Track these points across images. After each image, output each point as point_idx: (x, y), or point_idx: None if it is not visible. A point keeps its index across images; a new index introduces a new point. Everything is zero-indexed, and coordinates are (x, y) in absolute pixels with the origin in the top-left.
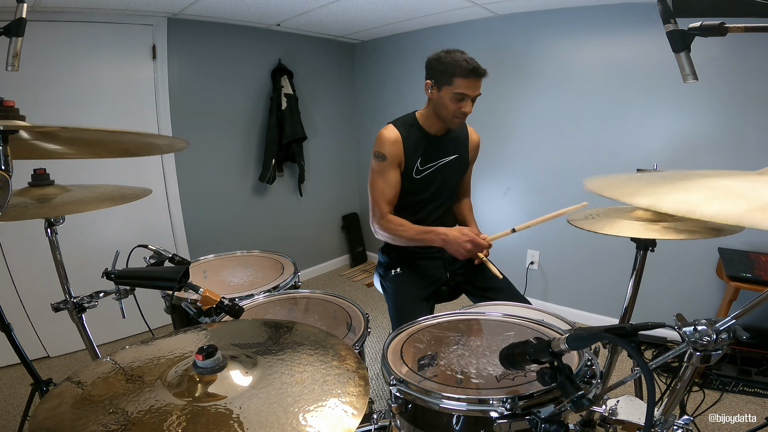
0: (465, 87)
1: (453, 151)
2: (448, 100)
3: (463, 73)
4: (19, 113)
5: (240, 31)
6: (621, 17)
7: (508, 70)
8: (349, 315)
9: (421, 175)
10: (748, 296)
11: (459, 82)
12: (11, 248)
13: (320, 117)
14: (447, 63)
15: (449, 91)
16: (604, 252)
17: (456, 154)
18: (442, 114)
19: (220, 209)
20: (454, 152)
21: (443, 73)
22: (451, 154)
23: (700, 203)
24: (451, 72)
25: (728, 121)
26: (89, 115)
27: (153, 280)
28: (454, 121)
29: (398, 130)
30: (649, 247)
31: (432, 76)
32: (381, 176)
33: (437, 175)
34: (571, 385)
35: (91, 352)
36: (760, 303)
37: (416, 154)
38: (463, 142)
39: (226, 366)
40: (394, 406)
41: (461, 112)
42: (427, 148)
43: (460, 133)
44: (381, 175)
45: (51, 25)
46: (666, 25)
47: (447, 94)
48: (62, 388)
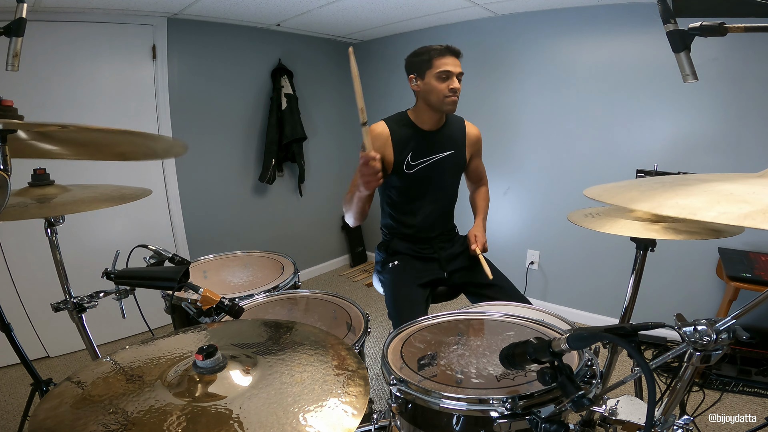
0: (445, 64)
1: (448, 148)
2: (434, 83)
3: (439, 53)
4: (17, 113)
5: (240, 31)
6: (621, 17)
7: (508, 70)
8: (349, 315)
9: (412, 170)
10: (748, 296)
11: (438, 62)
12: (11, 248)
13: (320, 117)
14: (422, 52)
15: (432, 74)
16: (604, 252)
17: (451, 150)
18: (433, 100)
19: (220, 209)
20: (449, 148)
21: (421, 62)
22: (446, 150)
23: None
24: (428, 57)
25: (728, 121)
26: (89, 115)
27: (153, 280)
28: (446, 101)
29: (387, 125)
30: (649, 247)
31: (412, 70)
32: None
33: (431, 171)
34: (571, 384)
35: (91, 352)
36: (760, 303)
37: (406, 149)
38: (459, 139)
39: (226, 366)
40: (394, 405)
41: (451, 90)
42: (419, 144)
43: (456, 129)
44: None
45: (51, 25)
46: (666, 25)
47: (431, 78)
48: (62, 388)
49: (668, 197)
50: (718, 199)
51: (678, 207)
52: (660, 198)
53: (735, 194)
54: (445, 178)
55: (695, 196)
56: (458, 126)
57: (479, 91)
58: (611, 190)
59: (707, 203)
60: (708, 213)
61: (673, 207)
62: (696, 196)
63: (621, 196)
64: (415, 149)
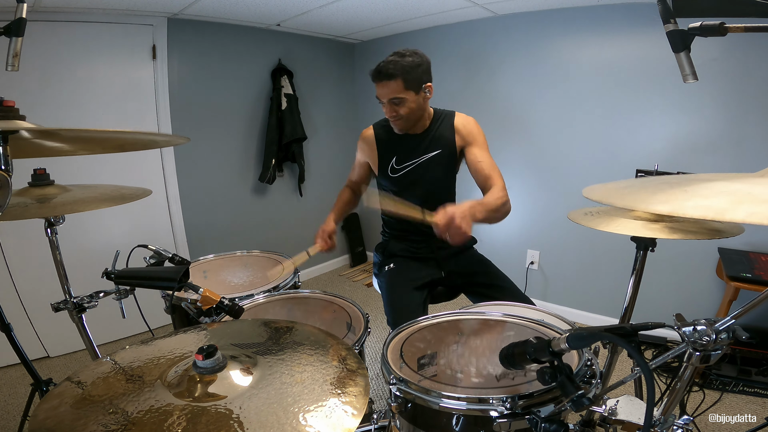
0: (378, 91)
1: (435, 148)
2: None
3: (372, 76)
4: (19, 113)
5: (240, 31)
6: (621, 17)
7: (507, 70)
8: (349, 315)
9: (397, 174)
10: (748, 296)
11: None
12: (11, 248)
13: (320, 117)
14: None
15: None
16: (604, 252)
17: (439, 149)
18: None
19: (220, 209)
20: (437, 148)
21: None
22: (432, 151)
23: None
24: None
25: (728, 121)
26: (89, 115)
27: (153, 280)
28: (393, 123)
29: (375, 130)
30: (649, 246)
31: None
32: (353, 165)
33: (417, 174)
34: (571, 384)
35: (91, 352)
36: (760, 303)
37: (391, 154)
38: (447, 137)
39: (226, 366)
40: (393, 405)
41: (389, 117)
42: (403, 148)
43: (444, 127)
44: (354, 164)
45: (51, 25)
46: (666, 25)
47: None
48: (62, 388)
49: (684, 198)
50: (740, 199)
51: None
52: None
53: (753, 194)
54: (436, 178)
55: (714, 197)
56: (447, 123)
57: (479, 91)
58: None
59: (731, 203)
60: (735, 214)
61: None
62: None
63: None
64: (399, 154)
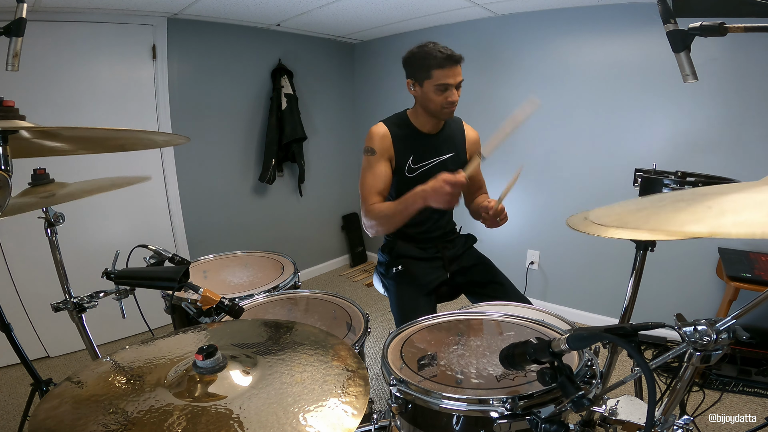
0: (445, 76)
1: (448, 150)
2: (432, 94)
3: (439, 63)
4: (18, 113)
5: (240, 31)
6: (621, 17)
7: (507, 70)
8: (349, 315)
9: (414, 174)
10: (748, 296)
11: (437, 73)
12: (11, 248)
13: (320, 117)
14: (421, 57)
15: (431, 84)
16: (604, 252)
17: (452, 152)
18: (431, 108)
19: (220, 209)
20: (450, 151)
21: (420, 69)
22: (446, 153)
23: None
24: (428, 65)
25: (728, 121)
26: (89, 115)
27: (153, 280)
28: (443, 112)
29: (388, 127)
30: (649, 247)
31: (411, 75)
32: (370, 170)
33: (432, 174)
34: (571, 385)
35: (91, 352)
36: (760, 303)
37: (408, 152)
38: (459, 141)
39: (226, 366)
40: (394, 406)
41: (448, 103)
42: (420, 147)
43: (456, 131)
44: (370, 169)
45: (51, 25)
46: (666, 25)
47: (429, 88)
48: (62, 388)
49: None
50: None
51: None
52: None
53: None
54: None
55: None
56: (457, 127)
57: (479, 91)
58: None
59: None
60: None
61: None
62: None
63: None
64: (416, 152)
